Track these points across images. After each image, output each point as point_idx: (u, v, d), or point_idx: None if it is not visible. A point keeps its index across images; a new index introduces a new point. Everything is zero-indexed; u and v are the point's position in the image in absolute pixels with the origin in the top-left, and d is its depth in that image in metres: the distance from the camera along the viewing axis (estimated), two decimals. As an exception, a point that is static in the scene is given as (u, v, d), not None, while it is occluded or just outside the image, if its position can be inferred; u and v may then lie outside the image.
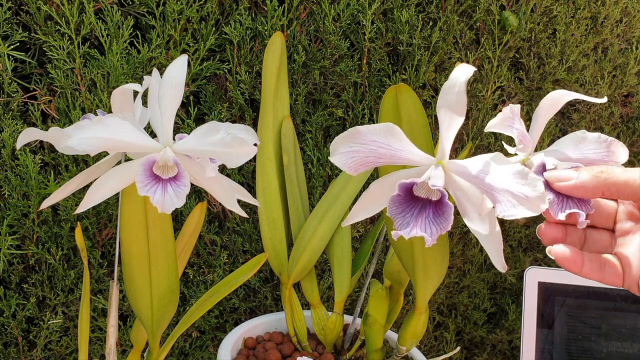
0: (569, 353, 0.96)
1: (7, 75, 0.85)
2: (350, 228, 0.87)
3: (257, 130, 0.80)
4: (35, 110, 0.88)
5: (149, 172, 0.55)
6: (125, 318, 1.00)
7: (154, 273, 0.66)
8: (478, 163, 0.51)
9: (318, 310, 0.84)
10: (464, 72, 0.51)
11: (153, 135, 0.58)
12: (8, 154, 0.87)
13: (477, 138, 1.12)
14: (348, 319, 0.88)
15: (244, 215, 0.64)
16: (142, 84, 0.62)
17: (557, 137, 1.19)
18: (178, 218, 0.98)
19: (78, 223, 0.70)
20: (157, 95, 0.58)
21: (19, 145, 0.61)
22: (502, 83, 1.10)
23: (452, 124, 0.52)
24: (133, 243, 0.64)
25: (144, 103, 0.63)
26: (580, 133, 0.55)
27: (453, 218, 0.50)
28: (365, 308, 0.80)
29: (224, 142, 0.55)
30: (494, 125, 0.53)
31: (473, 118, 1.11)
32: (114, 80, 0.88)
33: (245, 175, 1.01)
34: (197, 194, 0.98)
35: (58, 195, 0.62)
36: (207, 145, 0.56)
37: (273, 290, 1.06)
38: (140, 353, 0.75)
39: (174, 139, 0.58)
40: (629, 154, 0.55)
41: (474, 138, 1.12)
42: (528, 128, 0.56)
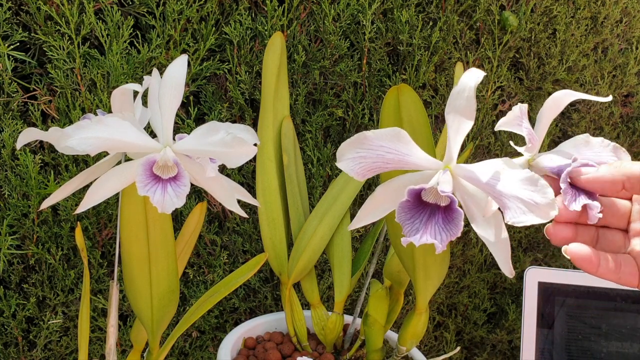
0: (569, 353, 0.96)
1: (7, 75, 0.85)
2: (350, 228, 0.87)
3: (257, 130, 0.80)
4: (35, 110, 0.88)
5: (149, 172, 0.55)
6: (125, 318, 1.00)
7: (154, 273, 0.66)
8: (486, 168, 0.50)
9: (318, 310, 0.84)
10: (474, 76, 0.50)
11: (153, 135, 0.58)
12: (8, 154, 0.87)
13: (477, 138, 1.12)
14: (348, 319, 0.88)
15: (244, 215, 0.64)
16: (142, 84, 0.62)
17: (557, 137, 1.19)
18: (178, 218, 0.98)
19: (78, 223, 0.70)
20: (157, 95, 0.58)
21: (19, 145, 0.61)
22: (502, 83, 1.10)
23: (460, 129, 0.51)
24: (133, 243, 0.64)
25: (144, 103, 0.63)
26: (584, 137, 0.55)
27: (463, 224, 0.49)
28: (365, 308, 0.80)
29: (224, 142, 0.55)
30: (505, 124, 0.52)
31: (473, 118, 1.11)
32: (114, 80, 0.88)
33: (245, 175, 1.01)
34: (197, 194, 0.98)
35: (58, 195, 0.62)
36: (207, 145, 0.56)
37: (273, 290, 1.06)
38: (140, 353, 0.75)
39: (174, 139, 0.58)
40: (629, 154, 0.55)
41: (474, 138, 1.11)
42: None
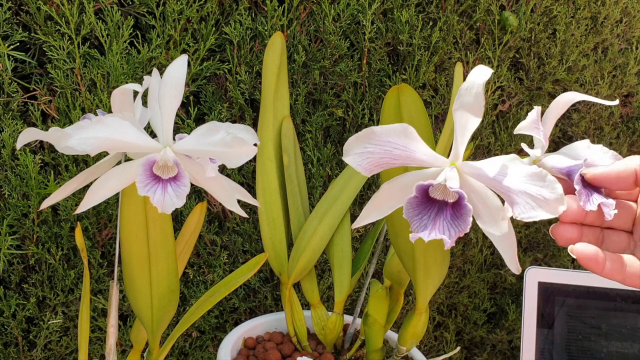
0: (569, 353, 0.96)
1: (7, 75, 0.85)
2: (350, 228, 0.87)
3: (257, 130, 0.80)
4: (35, 110, 0.88)
5: (149, 172, 0.55)
6: (125, 318, 1.00)
7: (154, 273, 0.66)
8: (494, 165, 0.50)
9: (318, 310, 0.84)
10: (482, 73, 0.50)
11: (153, 135, 0.58)
12: (8, 154, 0.87)
13: (477, 138, 1.12)
14: (348, 319, 0.88)
15: (244, 215, 0.64)
16: (142, 84, 0.62)
17: (557, 137, 1.19)
18: (178, 218, 0.98)
19: (78, 223, 0.70)
20: (157, 95, 0.58)
21: (19, 146, 0.61)
22: (502, 83, 1.10)
23: (468, 126, 0.51)
24: (133, 243, 0.64)
25: (144, 103, 0.63)
26: (586, 142, 0.56)
27: (472, 220, 0.49)
28: (365, 308, 0.80)
29: (224, 142, 0.55)
30: (524, 128, 0.53)
31: (473, 118, 1.11)
32: (114, 80, 0.88)
33: (245, 175, 1.01)
34: (197, 194, 0.98)
35: (58, 195, 0.62)
36: (207, 145, 0.56)
37: (273, 290, 1.06)
38: (140, 353, 0.75)
39: (174, 139, 0.58)
40: (629, 154, 0.55)
41: (474, 138, 1.11)
42: None
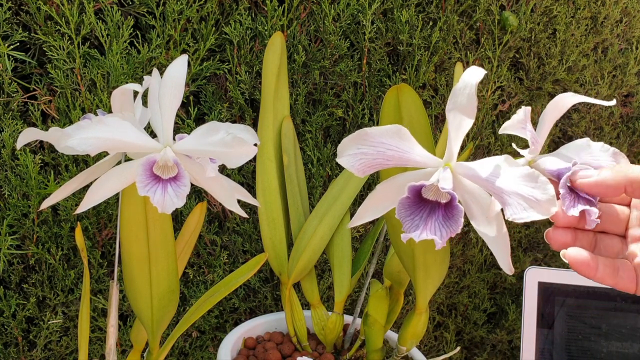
0: (569, 353, 0.96)
1: (7, 75, 0.85)
2: (350, 228, 0.87)
3: (257, 130, 0.80)
4: (35, 110, 0.88)
5: (149, 172, 0.55)
6: (125, 318, 1.00)
7: (154, 273, 0.66)
8: (487, 165, 0.50)
9: (318, 310, 0.84)
10: (475, 74, 0.50)
11: (153, 135, 0.58)
12: (8, 154, 0.87)
13: (477, 138, 1.12)
14: (348, 319, 0.88)
15: (244, 215, 0.64)
16: (142, 84, 0.62)
17: (557, 137, 1.19)
18: (178, 218, 0.98)
19: (78, 223, 0.70)
20: (157, 95, 0.58)
21: (19, 145, 0.61)
22: (502, 83, 1.10)
23: (461, 126, 0.52)
24: (133, 243, 0.64)
25: (144, 103, 0.63)
26: (585, 141, 0.55)
27: (463, 221, 0.50)
28: (365, 308, 0.80)
29: (224, 142, 0.55)
30: (509, 127, 0.52)
31: (473, 118, 1.11)
32: (114, 80, 0.88)
33: (245, 175, 1.01)
34: (197, 194, 0.98)
35: (58, 195, 0.62)
36: (207, 145, 0.56)
37: (273, 290, 1.06)
38: (140, 353, 0.75)
39: (174, 139, 0.58)
40: (629, 155, 0.55)
41: (474, 138, 1.11)
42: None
